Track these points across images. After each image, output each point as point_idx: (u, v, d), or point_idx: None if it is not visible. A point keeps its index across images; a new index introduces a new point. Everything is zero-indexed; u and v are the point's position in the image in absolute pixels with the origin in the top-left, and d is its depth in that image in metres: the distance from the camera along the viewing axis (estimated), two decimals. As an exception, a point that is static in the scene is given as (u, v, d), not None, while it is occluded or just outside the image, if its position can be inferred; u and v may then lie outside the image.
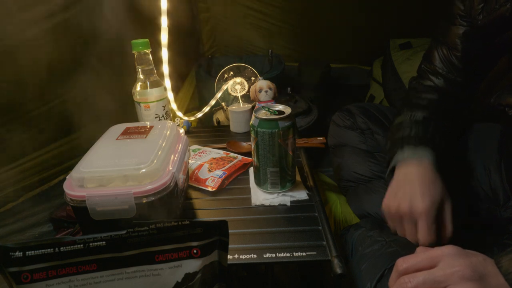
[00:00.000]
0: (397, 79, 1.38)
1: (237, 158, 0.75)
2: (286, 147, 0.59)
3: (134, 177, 0.49)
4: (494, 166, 0.67)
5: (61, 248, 0.34)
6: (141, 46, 0.77)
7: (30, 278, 0.34)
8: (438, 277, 0.36)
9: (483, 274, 0.36)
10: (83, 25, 0.81)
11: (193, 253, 0.38)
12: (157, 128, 0.62)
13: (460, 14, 0.66)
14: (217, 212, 0.62)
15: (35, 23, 0.71)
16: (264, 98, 0.86)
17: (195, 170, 0.70)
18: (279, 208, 0.61)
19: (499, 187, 0.65)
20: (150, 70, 0.80)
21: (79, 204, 0.48)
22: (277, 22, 1.59)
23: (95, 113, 0.87)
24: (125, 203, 0.47)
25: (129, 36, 0.79)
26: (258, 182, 0.65)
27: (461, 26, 0.67)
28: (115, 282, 0.37)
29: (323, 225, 0.56)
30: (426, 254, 0.39)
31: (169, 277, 0.38)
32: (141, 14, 0.94)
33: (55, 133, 0.82)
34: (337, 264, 0.47)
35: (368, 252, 0.61)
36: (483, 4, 0.61)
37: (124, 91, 0.85)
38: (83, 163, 0.51)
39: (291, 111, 0.60)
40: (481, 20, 0.61)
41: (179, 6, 1.17)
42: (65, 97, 0.81)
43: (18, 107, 0.73)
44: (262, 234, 0.55)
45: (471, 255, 0.37)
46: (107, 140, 0.58)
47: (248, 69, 1.03)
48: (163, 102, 0.83)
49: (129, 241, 0.36)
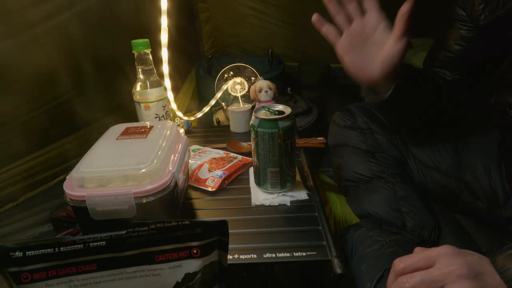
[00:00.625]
0: (397, 79, 1.38)
1: (237, 158, 0.75)
2: (286, 147, 0.59)
3: (134, 177, 0.49)
4: (494, 166, 0.67)
5: (61, 248, 0.34)
6: (141, 46, 0.77)
7: (30, 278, 0.34)
8: (435, 276, 0.36)
9: (479, 272, 0.36)
10: (83, 25, 0.81)
11: (193, 253, 0.38)
12: (157, 128, 0.62)
13: (460, 18, 0.67)
14: (217, 212, 0.62)
15: (36, 23, 0.71)
16: (264, 98, 0.86)
17: (195, 170, 0.70)
18: (279, 208, 0.61)
19: (499, 187, 0.65)
20: (150, 70, 0.80)
21: (79, 204, 0.48)
22: (277, 22, 1.59)
23: (95, 113, 0.87)
24: (125, 203, 0.47)
25: (129, 36, 0.79)
26: (258, 182, 0.65)
27: (460, 29, 0.67)
28: (115, 282, 0.37)
29: (323, 225, 0.56)
30: (423, 254, 0.39)
31: (169, 277, 0.38)
32: (141, 14, 0.94)
33: (55, 133, 0.82)
34: (337, 264, 0.47)
35: (368, 252, 0.61)
36: (484, 4, 0.61)
37: (124, 91, 0.85)
38: (83, 163, 0.51)
39: (291, 111, 0.61)
40: (483, 20, 0.61)
41: (179, 6, 1.17)
42: (65, 97, 0.81)
43: (18, 107, 0.73)
44: (262, 234, 0.55)
45: (467, 254, 0.38)
46: (107, 140, 0.58)
47: (248, 69, 1.03)
48: (163, 102, 0.83)
49: (129, 241, 0.36)
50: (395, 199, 0.73)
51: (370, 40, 0.57)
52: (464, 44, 0.67)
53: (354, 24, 0.57)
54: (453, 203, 0.73)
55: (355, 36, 0.57)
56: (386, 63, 0.55)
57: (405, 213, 0.71)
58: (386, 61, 0.55)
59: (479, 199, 0.68)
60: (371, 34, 0.56)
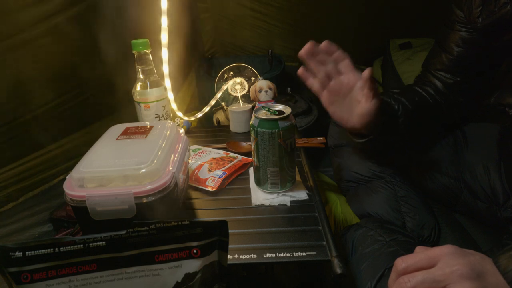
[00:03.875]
0: (397, 79, 1.38)
1: (237, 158, 0.75)
2: (286, 147, 0.59)
3: (134, 177, 0.49)
4: (493, 166, 0.67)
5: (61, 248, 0.34)
6: (141, 46, 0.77)
7: (30, 278, 0.34)
8: (437, 276, 0.36)
9: (481, 272, 0.36)
10: (83, 25, 0.81)
11: (193, 253, 0.38)
12: (157, 128, 0.62)
13: (459, 19, 0.67)
14: (217, 212, 0.62)
15: (35, 23, 0.71)
16: (264, 98, 0.86)
17: (195, 170, 0.70)
18: (279, 208, 0.61)
19: (498, 186, 0.65)
20: (150, 70, 0.80)
21: (79, 204, 0.48)
22: (277, 22, 1.58)
23: (95, 113, 0.87)
24: (125, 203, 0.47)
25: (129, 36, 0.79)
26: (258, 182, 0.65)
27: (459, 31, 0.67)
28: (115, 282, 0.37)
29: (323, 225, 0.56)
30: (425, 253, 0.39)
31: (169, 277, 0.38)
32: (141, 14, 0.94)
33: (55, 133, 0.82)
34: (337, 264, 0.47)
35: (368, 251, 0.61)
36: (481, 7, 0.61)
37: (124, 91, 0.85)
38: (83, 163, 0.51)
39: (291, 111, 0.61)
40: (480, 23, 0.62)
41: (179, 6, 1.17)
42: (65, 97, 0.81)
43: (18, 107, 0.73)
44: (262, 234, 0.55)
45: (470, 254, 0.38)
46: (107, 140, 0.58)
47: (248, 69, 1.03)
48: (163, 102, 0.83)
49: (129, 241, 0.36)
50: (395, 199, 0.73)
51: (348, 97, 0.62)
52: (465, 46, 0.67)
53: (333, 82, 0.62)
54: (453, 203, 0.73)
55: (335, 93, 0.62)
56: (363, 118, 0.60)
57: (405, 213, 0.71)
58: (362, 116, 0.60)
59: (479, 199, 0.68)
60: (348, 92, 0.61)
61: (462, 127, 0.75)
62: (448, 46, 0.69)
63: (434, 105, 0.71)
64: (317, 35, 0.60)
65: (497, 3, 0.57)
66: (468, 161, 0.70)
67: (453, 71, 0.70)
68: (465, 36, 0.67)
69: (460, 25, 0.67)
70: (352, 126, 0.63)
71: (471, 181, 0.69)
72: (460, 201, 0.72)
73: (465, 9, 0.65)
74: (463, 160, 0.71)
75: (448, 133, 0.76)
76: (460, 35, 0.67)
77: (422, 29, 1.46)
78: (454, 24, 0.68)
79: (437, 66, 0.72)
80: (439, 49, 0.71)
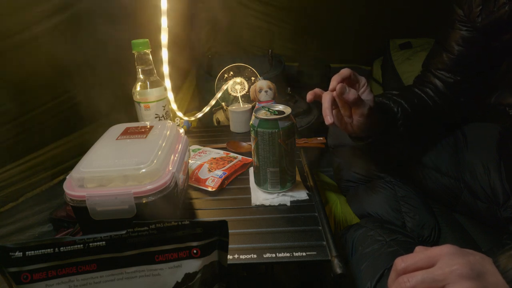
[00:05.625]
0: (397, 79, 1.38)
1: (237, 158, 0.75)
2: (286, 147, 0.59)
3: (134, 177, 0.49)
4: (493, 166, 0.67)
5: (61, 248, 0.34)
6: (141, 46, 0.77)
7: (30, 278, 0.35)
8: (436, 276, 0.36)
9: (481, 272, 0.36)
10: (82, 25, 0.81)
11: (193, 253, 0.38)
12: (157, 128, 0.62)
13: (459, 18, 0.67)
14: (217, 212, 0.62)
15: (36, 23, 0.71)
16: (264, 98, 0.86)
17: (195, 170, 0.70)
18: (279, 208, 0.61)
19: (498, 186, 0.65)
20: (150, 70, 0.80)
21: (79, 204, 0.48)
22: (277, 22, 1.58)
23: (95, 113, 0.87)
24: (125, 203, 0.47)
25: (129, 36, 0.79)
26: (258, 182, 0.65)
27: (460, 30, 0.67)
28: (115, 282, 0.37)
29: (323, 225, 0.56)
30: (425, 253, 0.39)
31: (169, 277, 0.38)
32: (141, 14, 0.94)
33: (55, 133, 0.82)
34: (337, 264, 0.47)
35: (368, 251, 0.61)
36: (481, 6, 0.61)
37: (124, 91, 0.85)
38: (83, 163, 0.51)
39: (291, 111, 0.61)
40: (480, 22, 0.62)
41: (179, 6, 1.17)
42: (65, 97, 0.81)
43: (18, 107, 0.73)
44: (262, 234, 0.55)
45: (469, 254, 0.38)
46: (107, 140, 0.58)
47: (248, 69, 1.03)
48: (163, 102, 0.83)
49: (129, 241, 0.36)
50: (395, 199, 0.73)
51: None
52: (465, 44, 0.67)
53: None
54: (453, 203, 0.73)
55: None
56: (357, 127, 0.60)
57: (405, 213, 0.71)
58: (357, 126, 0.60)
59: (479, 199, 0.68)
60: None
61: (462, 127, 0.75)
62: (449, 45, 0.69)
63: (434, 106, 0.71)
64: (318, 35, 0.60)
65: (496, 3, 0.58)
66: (468, 161, 0.70)
67: (454, 70, 0.70)
68: (466, 35, 0.67)
69: (460, 24, 0.67)
70: (349, 133, 0.64)
71: (471, 181, 0.69)
72: (460, 201, 0.72)
73: (465, 8, 0.65)
74: (463, 160, 0.71)
75: (448, 133, 0.76)
76: (461, 34, 0.67)
77: (422, 29, 1.46)
78: (454, 23, 0.68)
79: (438, 65, 0.72)
80: (440, 48, 0.71)
